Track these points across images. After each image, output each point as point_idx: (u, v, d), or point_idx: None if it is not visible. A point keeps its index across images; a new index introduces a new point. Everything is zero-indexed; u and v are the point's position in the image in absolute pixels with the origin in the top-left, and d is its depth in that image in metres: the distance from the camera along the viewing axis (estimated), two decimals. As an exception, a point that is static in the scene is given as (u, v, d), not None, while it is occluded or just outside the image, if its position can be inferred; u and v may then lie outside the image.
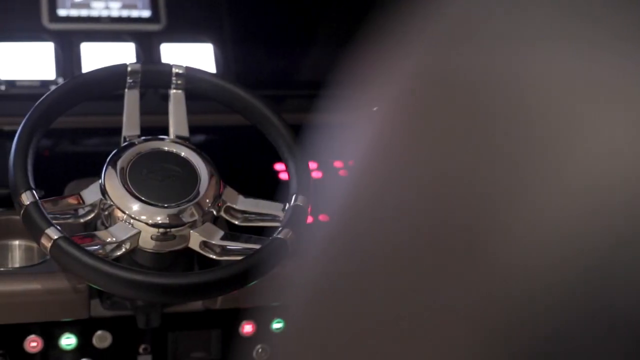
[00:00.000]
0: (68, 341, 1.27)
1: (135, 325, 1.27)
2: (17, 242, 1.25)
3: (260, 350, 1.37)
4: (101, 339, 1.29)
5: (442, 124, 0.27)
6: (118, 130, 1.23)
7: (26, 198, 1.02)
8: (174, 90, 1.18)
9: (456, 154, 0.26)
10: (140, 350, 1.32)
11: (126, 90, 1.16)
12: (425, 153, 0.28)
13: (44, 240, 0.99)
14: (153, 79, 1.17)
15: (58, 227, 1.00)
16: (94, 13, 1.49)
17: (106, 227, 1.10)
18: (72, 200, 1.07)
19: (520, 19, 0.26)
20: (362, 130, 0.33)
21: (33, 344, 1.25)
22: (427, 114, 0.29)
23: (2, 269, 1.20)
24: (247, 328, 1.35)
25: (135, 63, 1.16)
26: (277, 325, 1.36)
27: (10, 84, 1.39)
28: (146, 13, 1.50)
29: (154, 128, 1.16)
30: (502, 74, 0.26)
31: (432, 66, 0.29)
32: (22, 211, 1.02)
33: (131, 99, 1.16)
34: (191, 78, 1.18)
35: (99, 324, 1.28)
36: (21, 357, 1.26)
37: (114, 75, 1.15)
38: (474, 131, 0.26)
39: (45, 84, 1.41)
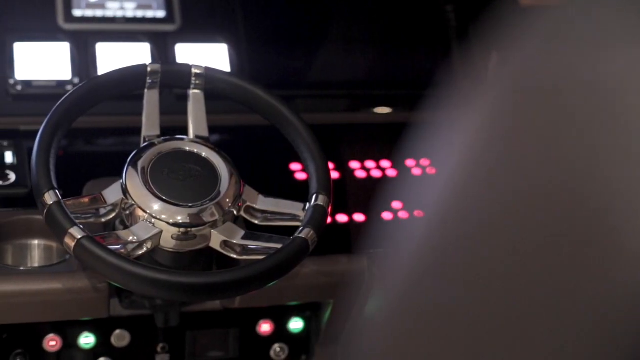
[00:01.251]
0: (87, 340, 1.28)
1: (153, 324, 1.27)
2: (36, 242, 1.25)
3: (278, 349, 1.37)
4: (120, 338, 1.29)
5: (549, 122, 0.28)
6: (134, 130, 1.23)
7: (49, 198, 1.02)
8: (194, 91, 1.18)
9: (570, 152, 0.27)
10: (158, 349, 1.32)
11: (146, 90, 1.16)
12: (536, 151, 0.28)
13: (67, 240, 1.00)
14: (172, 79, 1.17)
15: (81, 226, 1.01)
16: (109, 13, 1.49)
17: (125, 227, 1.11)
18: (94, 200, 1.08)
19: (621, 22, 0.26)
20: (463, 130, 0.33)
21: (52, 343, 1.25)
22: (530, 114, 0.29)
23: (21, 269, 1.20)
24: (265, 327, 1.36)
25: (154, 63, 1.16)
26: (294, 324, 1.37)
27: (27, 84, 1.40)
28: (161, 13, 1.51)
29: (169, 128, 1.16)
30: (602, 74, 0.26)
31: (531, 69, 0.30)
32: (45, 211, 1.02)
33: (151, 99, 1.16)
34: (210, 78, 1.18)
35: (117, 323, 1.29)
36: (40, 356, 1.26)
37: (134, 76, 1.16)
38: (589, 130, 0.26)
39: (61, 84, 1.41)
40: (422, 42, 1.63)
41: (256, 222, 1.14)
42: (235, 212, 1.11)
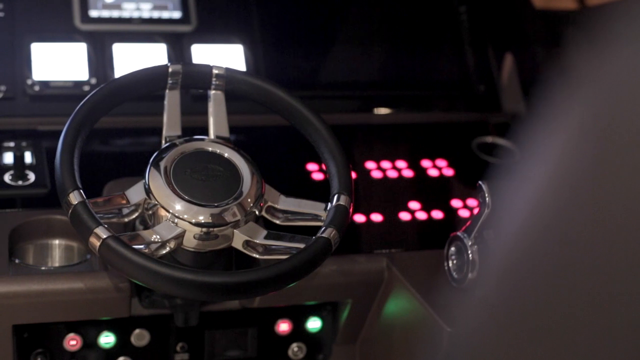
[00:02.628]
0: (107, 340, 1.28)
1: (173, 324, 1.28)
2: (56, 242, 1.26)
3: (295, 348, 1.38)
4: (139, 337, 1.30)
5: None
6: (154, 131, 1.24)
7: (74, 198, 1.02)
8: (214, 91, 1.18)
9: None
10: (178, 348, 1.33)
11: (167, 90, 1.16)
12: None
13: (92, 239, 1.00)
14: (193, 79, 1.18)
15: (106, 226, 1.01)
16: (125, 14, 1.50)
17: (145, 227, 1.11)
18: (118, 200, 1.08)
19: None
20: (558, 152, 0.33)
21: (72, 342, 1.26)
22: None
23: (43, 268, 1.20)
24: (283, 327, 1.36)
25: (176, 64, 1.16)
26: (312, 324, 1.37)
27: (44, 84, 1.40)
28: (177, 14, 1.52)
29: (186, 128, 1.17)
30: None
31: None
32: (70, 210, 1.02)
33: (172, 100, 1.17)
34: (231, 79, 1.18)
35: (137, 323, 1.29)
36: (60, 355, 1.27)
37: (156, 76, 1.16)
38: None
39: (78, 84, 1.42)
40: (438, 43, 1.63)
41: (277, 222, 1.14)
42: (257, 212, 1.11)
